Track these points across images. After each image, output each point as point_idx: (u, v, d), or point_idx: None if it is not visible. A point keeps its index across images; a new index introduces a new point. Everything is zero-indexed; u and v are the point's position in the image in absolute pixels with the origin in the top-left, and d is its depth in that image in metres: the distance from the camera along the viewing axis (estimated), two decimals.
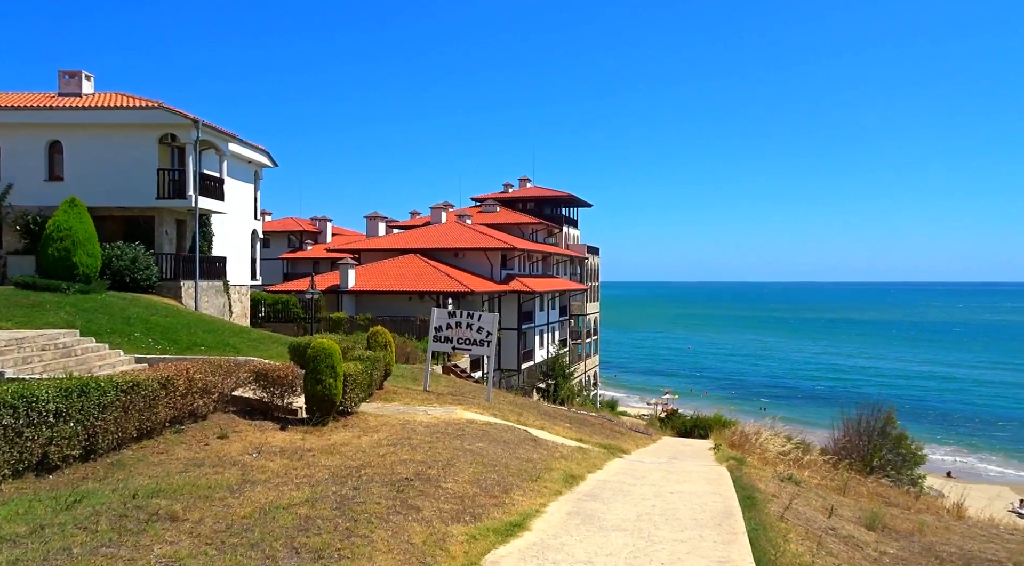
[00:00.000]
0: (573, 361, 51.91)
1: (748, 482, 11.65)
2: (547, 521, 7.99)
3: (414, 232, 46.99)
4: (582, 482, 10.55)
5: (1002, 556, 10.44)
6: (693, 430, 30.68)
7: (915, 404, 76.12)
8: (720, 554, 6.88)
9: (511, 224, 50.77)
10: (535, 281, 44.38)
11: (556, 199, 57.39)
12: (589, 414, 27.17)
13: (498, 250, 41.38)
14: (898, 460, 25.59)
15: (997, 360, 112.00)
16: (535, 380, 41.42)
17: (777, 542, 7.35)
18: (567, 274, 55.94)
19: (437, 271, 37.89)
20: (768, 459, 17.76)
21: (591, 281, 60.45)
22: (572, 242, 59.37)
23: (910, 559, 9.61)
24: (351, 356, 14.56)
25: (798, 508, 10.45)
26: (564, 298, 52.86)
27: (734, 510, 9.00)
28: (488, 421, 14.26)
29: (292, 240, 56.86)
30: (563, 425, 17.85)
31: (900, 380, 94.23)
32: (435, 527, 7.23)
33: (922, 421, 64.04)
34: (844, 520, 11.05)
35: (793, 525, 9.04)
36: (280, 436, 11.13)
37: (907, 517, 12.78)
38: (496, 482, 9.42)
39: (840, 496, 14.07)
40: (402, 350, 24.69)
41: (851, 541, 9.67)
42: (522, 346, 43.19)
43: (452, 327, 17.54)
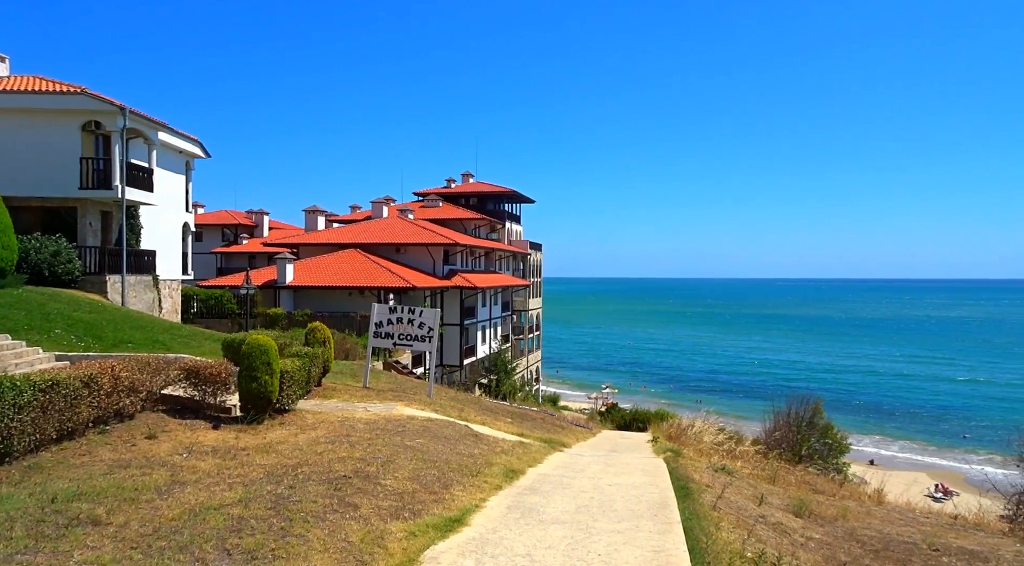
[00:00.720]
0: (515, 357, 52.14)
1: (684, 473, 11.96)
2: (487, 516, 8.01)
3: (355, 227, 46.25)
4: (522, 476, 10.62)
5: (917, 538, 11.04)
6: (632, 423, 31.24)
7: (841, 396, 79.67)
8: (655, 543, 7.04)
9: (454, 219, 50.55)
10: (478, 277, 44.34)
11: (499, 195, 57.43)
12: (531, 409, 27.34)
13: (440, 245, 41.14)
14: (825, 449, 26.67)
15: (918, 354, 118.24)
16: (477, 376, 41.41)
17: (710, 530, 7.57)
18: (510, 270, 56.11)
19: (378, 266, 37.40)
20: (703, 450, 18.27)
21: (534, 277, 60.81)
22: (515, 238, 59.56)
23: (834, 543, 10.05)
24: (288, 352, 14.24)
25: (730, 497, 10.79)
26: (507, 294, 53.01)
27: (670, 500, 9.22)
28: (429, 417, 14.18)
29: (227, 234, 55.12)
30: (504, 420, 17.91)
31: (828, 373, 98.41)
32: (373, 525, 7.15)
33: (847, 412, 67.10)
34: (773, 508, 11.47)
35: (725, 514, 9.33)
36: (213, 435, 10.79)
37: (832, 503, 13.35)
38: (436, 478, 9.38)
39: (770, 485, 14.59)
40: (342, 346, 24.28)
41: (779, 528, 10.04)
42: (464, 342, 43.11)
43: (393, 323, 17.35)
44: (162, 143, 26.61)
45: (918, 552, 10.19)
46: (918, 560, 9.77)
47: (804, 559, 8.30)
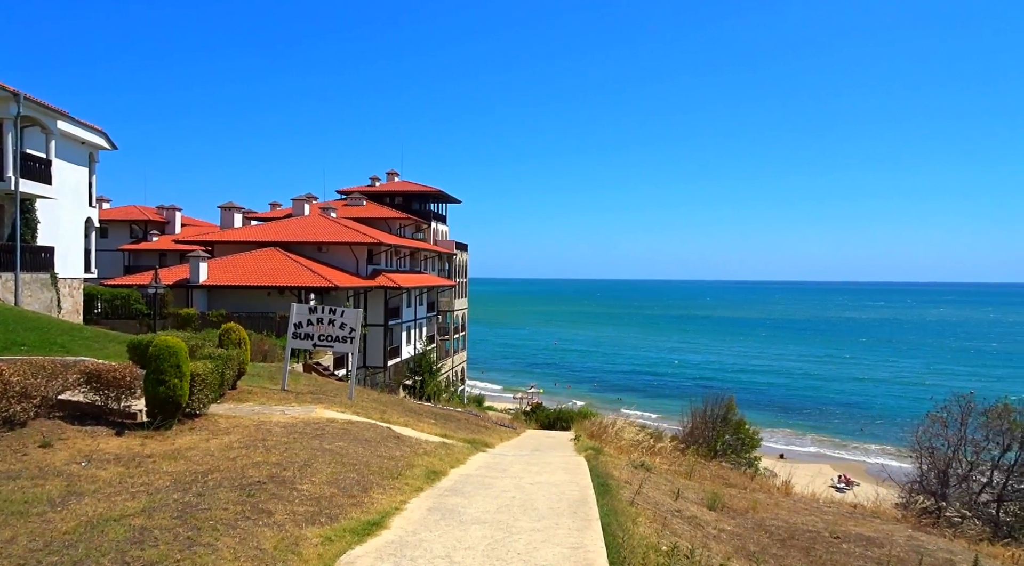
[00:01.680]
0: (441, 358, 51.84)
1: (604, 470, 12.17)
2: (407, 518, 7.90)
3: (274, 224, 44.84)
4: (444, 477, 10.54)
5: (820, 527, 11.64)
6: (556, 422, 31.63)
7: (755, 393, 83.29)
8: (574, 540, 7.13)
9: (378, 218, 49.79)
10: (403, 277, 43.83)
11: (424, 194, 56.98)
12: (455, 410, 27.23)
13: (364, 245, 40.43)
14: (738, 444, 27.77)
15: (825, 353, 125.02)
16: (402, 377, 40.92)
17: (627, 525, 7.73)
18: (435, 270, 55.75)
19: (299, 265, 36.38)
20: (623, 448, 18.66)
21: (459, 277, 60.65)
22: (441, 238, 59.23)
23: (744, 534, 10.46)
24: (200, 354, 13.63)
25: (648, 493, 11.06)
26: (432, 294, 52.64)
27: (589, 497, 9.36)
28: (350, 420, 13.89)
29: (135, 230, 52.34)
30: (428, 421, 17.76)
31: (743, 372, 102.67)
32: (288, 531, 6.93)
33: (760, 409, 70.24)
34: (689, 502, 11.84)
35: (643, 509, 9.55)
36: (116, 442, 10.20)
37: (743, 496, 13.91)
38: (355, 481, 9.19)
39: (686, 480, 15.06)
40: (259, 348, 23.48)
41: (694, 521, 10.37)
42: (389, 343, 42.53)
43: (313, 323, 16.91)
44: (62, 133, 25.00)
45: (821, 540, 10.74)
46: (821, 547, 10.29)
47: (716, 550, 8.60)
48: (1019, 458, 18.42)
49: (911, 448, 19.49)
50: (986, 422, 18.60)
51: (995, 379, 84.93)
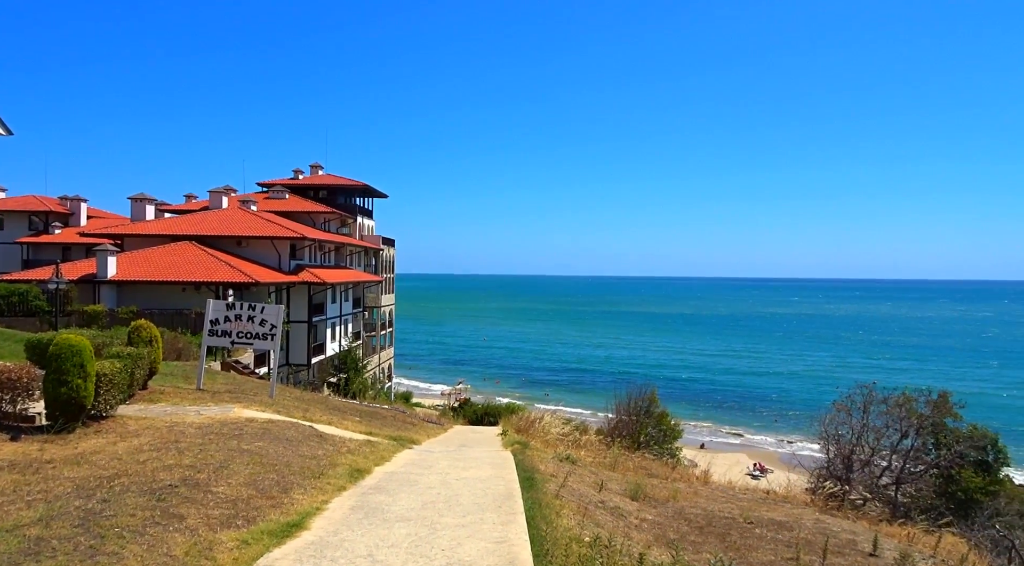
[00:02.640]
0: (367, 354, 51.02)
1: (530, 464, 12.27)
2: (328, 518, 7.73)
3: (190, 217, 42.91)
4: (368, 475, 10.37)
5: (736, 513, 12.11)
6: (484, 418, 31.69)
7: (678, 386, 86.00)
8: (498, 534, 7.14)
9: (301, 212, 48.44)
10: (327, 272, 42.83)
11: (350, 188, 55.83)
12: (382, 407, 26.86)
13: (287, 239, 39.27)
14: (660, 436, 28.55)
15: (748, 347, 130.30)
16: (326, 374, 40.02)
17: (551, 518, 7.81)
18: (361, 265, 54.77)
19: (216, 260, 34.97)
20: (550, 442, 18.88)
21: (386, 273, 59.80)
22: (367, 233, 58.23)
23: (665, 523, 10.77)
24: (107, 353, 12.93)
25: (573, 485, 11.22)
26: (358, 290, 51.69)
27: (515, 492, 9.41)
28: (270, 419, 13.47)
29: (34, 222, 49.00)
30: (352, 419, 17.44)
31: (667, 366, 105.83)
32: (201, 535, 6.65)
33: (683, 401, 72.58)
34: (612, 493, 12.08)
35: (567, 501, 9.67)
36: (10, 448, 9.54)
37: (664, 486, 14.30)
38: (275, 482, 8.92)
39: (610, 471, 15.37)
40: (173, 346, 22.45)
41: (617, 511, 10.59)
42: (313, 339, 41.49)
43: (231, 320, 16.30)
44: None
45: (736, 526, 11.18)
46: (736, 533, 10.71)
47: (637, 539, 8.80)
48: (915, 444, 19.73)
49: (819, 436, 20.55)
50: (886, 410, 19.83)
51: (897, 371, 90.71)
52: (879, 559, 9.91)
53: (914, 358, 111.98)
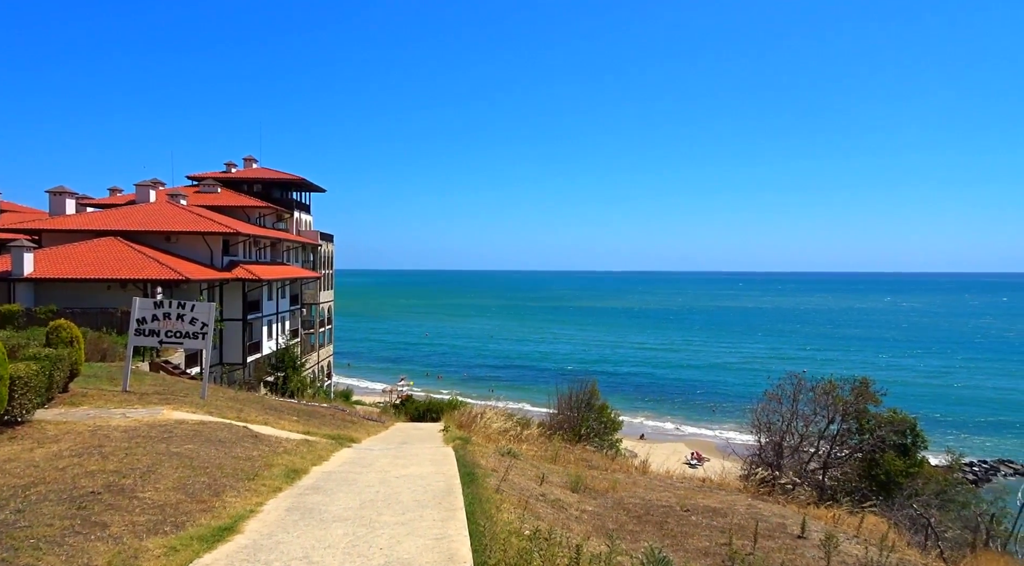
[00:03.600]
0: (305, 352, 49.95)
1: (471, 459, 12.24)
2: (263, 521, 7.52)
3: (115, 212, 41.03)
4: (306, 476, 10.15)
5: (673, 501, 12.41)
6: (426, 414, 31.45)
7: (618, 379, 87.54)
8: (438, 531, 7.10)
9: (235, 207, 46.94)
10: (263, 268, 41.68)
11: (286, 182, 54.43)
12: (320, 406, 26.32)
13: (219, 234, 38.00)
14: (601, 428, 28.97)
15: (687, 339, 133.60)
16: (263, 373, 38.97)
17: (491, 512, 7.81)
18: (299, 261, 53.53)
19: (144, 256, 33.54)
20: (491, 436, 18.89)
21: (325, 269, 58.62)
22: (304, 228, 56.93)
23: (604, 514, 10.93)
24: (24, 355, 12.24)
25: (514, 479, 11.26)
26: (295, 286, 50.50)
27: (455, 487, 9.37)
28: (202, 420, 13.02)
29: None
30: (290, 419, 17.04)
31: (608, 359, 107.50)
32: (125, 543, 6.36)
33: (623, 393, 73.94)
34: (553, 486, 12.19)
35: (508, 495, 9.70)
36: None
37: (604, 477, 14.52)
38: (206, 485, 8.62)
39: (552, 464, 15.50)
40: (97, 347, 21.45)
41: (557, 504, 10.69)
42: (248, 338, 40.34)
43: (159, 319, 15.67)
44: None
45: (673, 514, 11.45)
46: (673, 520, 10.97)
47: (576, 530, 8.90)
48: (840, 429, 20.63)
49: (752, 425, 21.24)
50: (814, 398, 20.64)
51: (827, 361, 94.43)
52: (807, 541, 10.32)
53: (842, 348, 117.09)
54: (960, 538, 15.35)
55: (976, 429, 64.82)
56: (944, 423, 63.48)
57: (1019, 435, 61.82)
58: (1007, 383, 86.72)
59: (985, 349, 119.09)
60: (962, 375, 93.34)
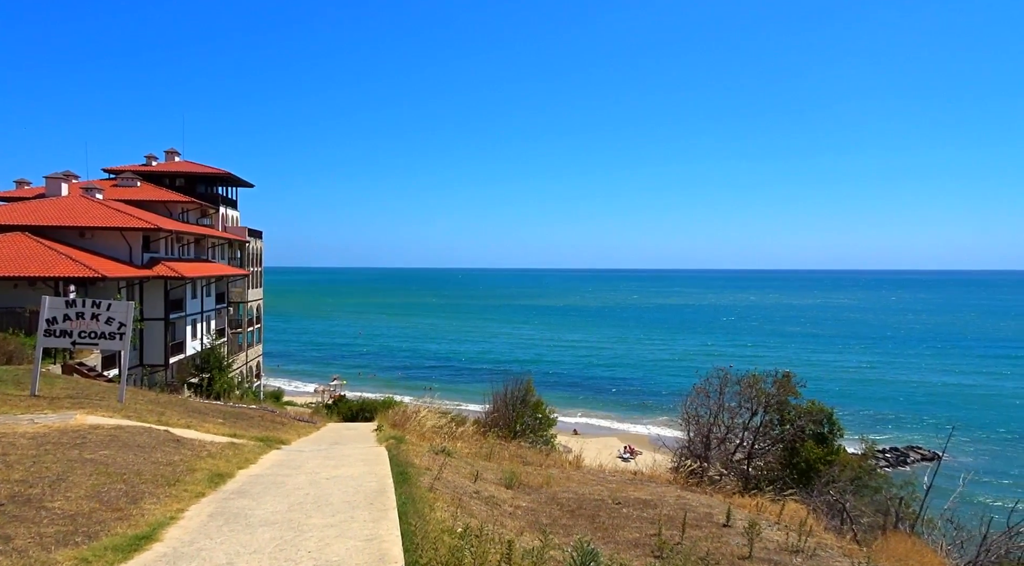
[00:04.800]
0: (233, 352, 48.32)
1: (404, 459, 12.11)
2: (184, 527, 7.22)
3: (22, 205, 38.61)
4: (231, 479, 9.81)
5: (605, 495, 12.61)
6: (359, 414, 31.03)
7: (554, 375, 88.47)
8: (368, 532, 6.99)
9: (156, 201, 44.94)
10: (186, 266, 40.08)
11: (212, 176, 52.46)
12: (249, 407, 25.52)
13: (139, 230, 36.30)
14: (536, 424, 29.20)
15: (623, 336, 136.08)
16: (186, 375, 37.47)
17: (424, 511, 7.74)
18: (225, 258, 51.73)
19: (55, 253, 31.70)
20: (426, 435, 18.74)
21: (253, 266, 56.85)
22: (231, 224, 55.04)
23: (538, 509, 11.01)
24: None
25: (448, 477, 11.20)
26: (222, 284, 48.79)
27: (387, 487, 9.25)
28: (118, 425, 12.40)
29: None
30: (215, 421, 16.44)
31: (544, 356, 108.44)
32: (31, 557, 5.99)
33: (558, 389, 74.81)
34: (488, 483, 12.19)
35: (441, 494, 9.64)
36: None
37: (539, 473, 14.63)
38: (123, 493, 8.21)
39: (486, 461, 15.50)
40: (3, 349, 20.17)
41: (492, 500, 10.70)
42: (170, 338, 38.73)
43: (72, 318, 14.83)
44: None
45: (605, 507, 11.64)
46: (604, 514, 11.15)
47: (510, 526, 8.93)
48: (763, 420, 21.45)
49: (681, 418, 21.84)
50: (739, 391, 21.40)
51: (755, 357, 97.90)
52: (732, 529, 10.67)
53: (770, 344, 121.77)
54: (873, 521, 16.20)
55: (889, 418, 68.71)
56: (860, 413, 66.94)
57: (928, 422, 65.84)
58: (918, 375, 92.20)
59: (900, 343, 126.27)
60: (879, 367, 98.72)
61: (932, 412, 70.12)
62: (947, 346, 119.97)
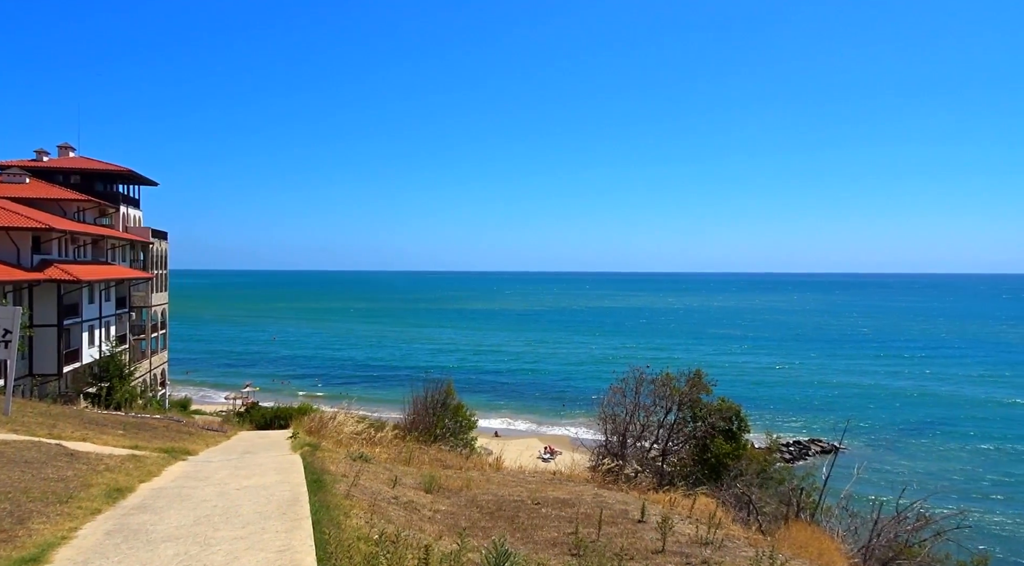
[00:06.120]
0: (135, 360, 45.73)
1: (320, 466, 11.80)
2: (77, 547, 6.76)
3: None
4: (131, 494, 9.27)
5: (524, 495, 12.70)
6: (274, 421, 29.94)
7: (476, 378, 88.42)
8: (281, 543, 6.76)
9: (48, 200, 41.96)
10: (82, 268, 37.62)
11: (111, 174, 49.48)
12: (152, 417, 24.20)
13: (28, 230, 33.78)
14: (457, 427, 29.08)
15: (544, 338, 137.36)
16: (83, 384, 35.18)
17: (339, 519, 7.56)
18: (127, 261, 48.90)
19: None
20: (343, 441, 18.33)
21: (158, 268, 53.98)
22: (133, 224, 52.11)
23: (457, 512, 10.96)
24: None
25: (365, 483, 10.99)
26: (123, 288, 46.07)
27: (301, 496, 8.98)
28: (3, 440, 11.50)
29: None
30: (114, 433, 15.51)
31: (467, 358, 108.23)
32: None
33: (479, 392, 74.83)
34: (406, 487, 12.03)
35: (358, 500, 9.44)
36: None
37: (459, 476, 14.57)
38: (8, 513, 7.61)
39: (405, 466, 15.31)
40: None
41: (410, 505, 10.57)
42: (64, 345, 36.21)
43: None
44: None
45: (524, 507, 11.72)
46: (524, 514, 11.22)
47: (429, 531, 8.84)
48: (677, 418, 22.18)
49: (599, 417, 22.28)
50: (654, 390, 22.04)
51: (671, 359, 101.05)
52: (646, 524, 10.97)
53: (683, 346, 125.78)
54: (776, 511, 17.03)
55: (793, 413, 72.49)
56: (767, 409, 70.34)
57: (827, 416, 69.90)
58: (820, 374, 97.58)
59: (808, 343, 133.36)
60: (787, 367, 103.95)
61: (832, 408, 74.51)
62: (850, 346, 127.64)
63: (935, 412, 73.01)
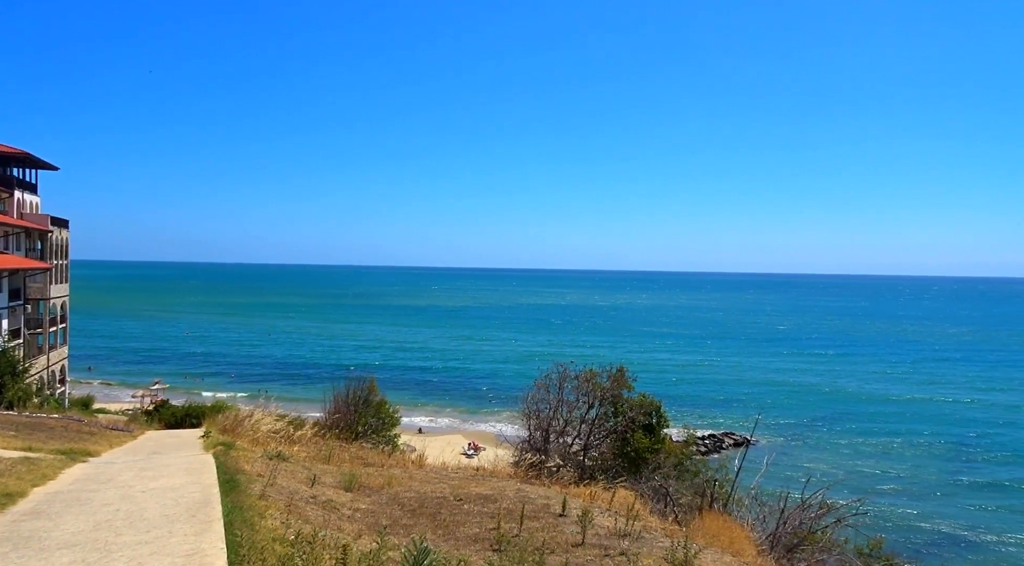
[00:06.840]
0: (31, 355, 42.79)
1: (233, 466, 11.36)
2: None
3: None
4: (22, 499, 8.65)
5: (447, 492, 12.63)
6: (185, 420, 28.64)
7: (400, 374, 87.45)
8: (190, 547, 6.44)
9: None
10: None
11: (4, 156, 46.03)
12: (50, 416, 22.70)
13: None
14: (379, 424, 28.65)
15: (469, 335, 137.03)
16: None
17: (254, 521, 7.29)
18: (22, 250, 45.61)
19: None
20: (259, 440, 17.73)
21: (58, 259, 50.61)
22: (30, 211, 48.67)
23: (378, 510, 10.78)
24: None
25: (282, 483, 10.65)
26: (17, 279, 42.96)
27: (213, 497, 8.61)
28: None
29: None
30: (4, 434, 14.48)
31: (392, 355, 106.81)
32: None
33: (403, 389, 73.99)
34: (325, 486, 11.75)
35: (274, 501, 9.13)
36: None
37: (380, 473, 14.34)
38: None
39: (325, 464, 14.94)
40: None
41: (329, 505, 10.31)
42: None
43: None
44: None
45: (447, 504, 11.65)
46: (446, 511, 11.16)
47: (348, 530, 8.65)
48: (599, 413, 22.59)
49: (523, 412, 22.42)
50: (577, 385, 22.36)
51: (596, 356, 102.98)
52: (567, 518, 11.11)
53: (608, 343, 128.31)
54: (692, 502, 17.60)
55: (709, 408, 75.25)
56: (685, 404, 72.70)
57: (741, 411, 72.92)
58: (736, 371, 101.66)
59: (728, 340, 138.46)
60: (707, 363, 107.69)
61: (746, 403, 77.78)
62: (767, 344, 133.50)
63: (841, 407, 77.43)
